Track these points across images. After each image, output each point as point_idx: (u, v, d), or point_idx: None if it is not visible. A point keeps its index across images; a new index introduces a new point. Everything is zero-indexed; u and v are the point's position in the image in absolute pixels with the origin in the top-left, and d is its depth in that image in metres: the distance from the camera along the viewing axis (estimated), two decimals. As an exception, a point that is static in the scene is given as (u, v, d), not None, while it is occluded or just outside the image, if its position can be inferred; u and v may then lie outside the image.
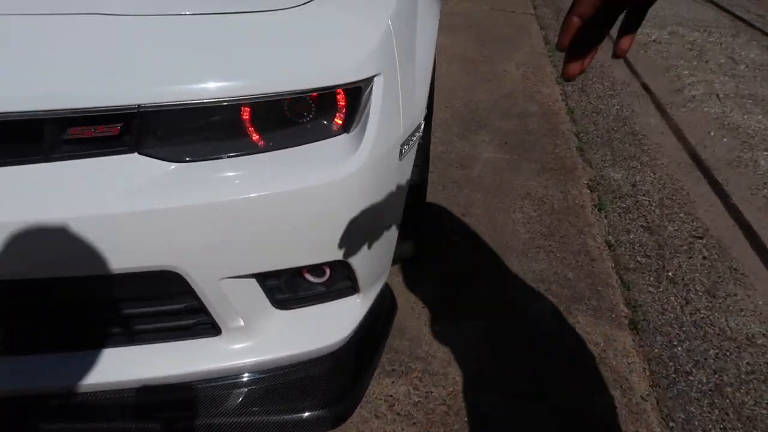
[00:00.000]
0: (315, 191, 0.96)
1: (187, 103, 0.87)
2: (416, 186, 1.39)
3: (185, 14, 0.92)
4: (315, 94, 0.95)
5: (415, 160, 1.28)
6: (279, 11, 0.97)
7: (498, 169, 2.21)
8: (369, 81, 1.00)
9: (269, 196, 0.94)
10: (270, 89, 0.91)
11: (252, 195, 0.92)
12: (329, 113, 0.99)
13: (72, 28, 0.86)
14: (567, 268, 1.70)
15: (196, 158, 0.91)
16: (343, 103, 0.99)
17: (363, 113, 1.01)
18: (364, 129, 1.01)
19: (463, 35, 3.90)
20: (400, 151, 1.10)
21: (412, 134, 1.15)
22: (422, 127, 1.23)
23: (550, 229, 1.88)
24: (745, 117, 3.02)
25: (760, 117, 3.03)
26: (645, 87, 3.45)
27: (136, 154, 0.88)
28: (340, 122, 1.00)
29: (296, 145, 0.98)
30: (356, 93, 0.99)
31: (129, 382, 1.03)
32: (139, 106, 0.84)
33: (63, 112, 0.81)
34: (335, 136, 1.00)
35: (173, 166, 0.90)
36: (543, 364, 1.38)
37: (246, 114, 0.93)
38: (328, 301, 1.14)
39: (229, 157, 0.93)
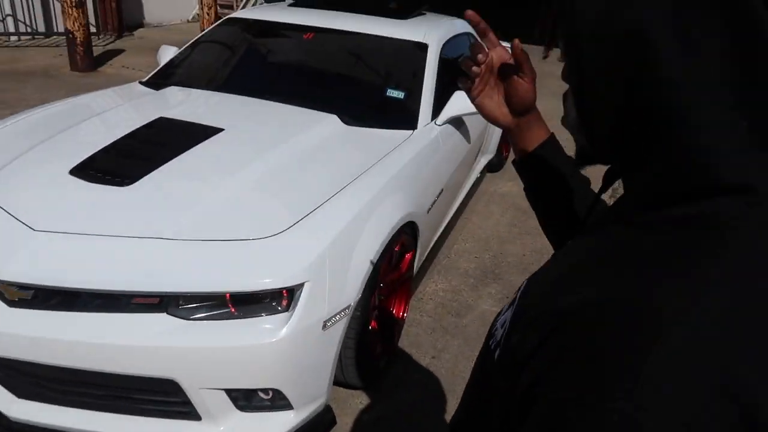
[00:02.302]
0: (260, 347, 1.66)
1: (195, 293, 1.64)
2: (362, 341, 2.02)
3: (204, 240, 1.71)
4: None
5: (354, 326, 1.93)
6: (255, 240, 1.73)
7: (487, 321, 2.73)
8: (301, 285, 1.70)
9: (233, 347, 1.65)
10: (241, 289, 1.65)
11: (223, 345, 1.65)
12: (278, 299, 1.71)
13: (142, 245, 1.68)
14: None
15: (197, 318, 1.67)
16: (286, 295, 1.70)
17: (297, 301, 1.71)
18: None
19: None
20: (324, 324, 1.77)
21: (338, 313, 1.81)
22: (351, 307, 1.88)
23: (499, 381, 2.35)
24: None
25: None
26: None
27: (165, 313, 1.66)
28: (284, 304, 1.71)
29: (255, 316, 1.69)
30: (292, 291, 1.70)
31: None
32: (168, 292, 1.62)
33: (131, 292, 1.62)
34: (281, 312, 1.71)
35: (184, 322, 1.66)
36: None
37: (228, 296, 1.68)
38: (272, 411, 1.80)
39: (214, 319, 1.68)
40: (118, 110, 2.50)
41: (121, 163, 2.01)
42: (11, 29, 7.65)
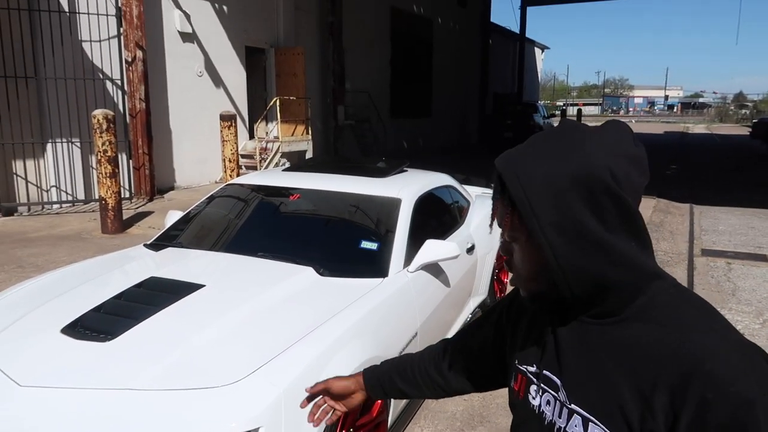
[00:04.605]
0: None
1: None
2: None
3: (167, 389, 1.87)
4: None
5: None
6: (215, 388, 1.87)
7: (469, 466, 2.70)
8: (255, 430, 1.81)
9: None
10: (197, 434, 1.77)
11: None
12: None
13: (111, 396, 1.84)
14: None
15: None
16: (242, 442, 1.81)
17: (255, 445, 1.81)
18: (251, 455, 1.79)
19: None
20: (280, 470, 1.84)
21: (297, 459, 1.89)
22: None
23: None
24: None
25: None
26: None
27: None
28: (243, 451, 1.81)
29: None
30: (247, 437, 1.80)
31: None
32: (130, 441, 1.75)
33: (96, 441, 1.76)
34: (240, 457, 1.80)
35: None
36: None
37: (188, 441, 1.79)
38: None
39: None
40: (117, 271, 2.79)
41: (106, 320, 2.24)
42: (54, 198, 8.47)
